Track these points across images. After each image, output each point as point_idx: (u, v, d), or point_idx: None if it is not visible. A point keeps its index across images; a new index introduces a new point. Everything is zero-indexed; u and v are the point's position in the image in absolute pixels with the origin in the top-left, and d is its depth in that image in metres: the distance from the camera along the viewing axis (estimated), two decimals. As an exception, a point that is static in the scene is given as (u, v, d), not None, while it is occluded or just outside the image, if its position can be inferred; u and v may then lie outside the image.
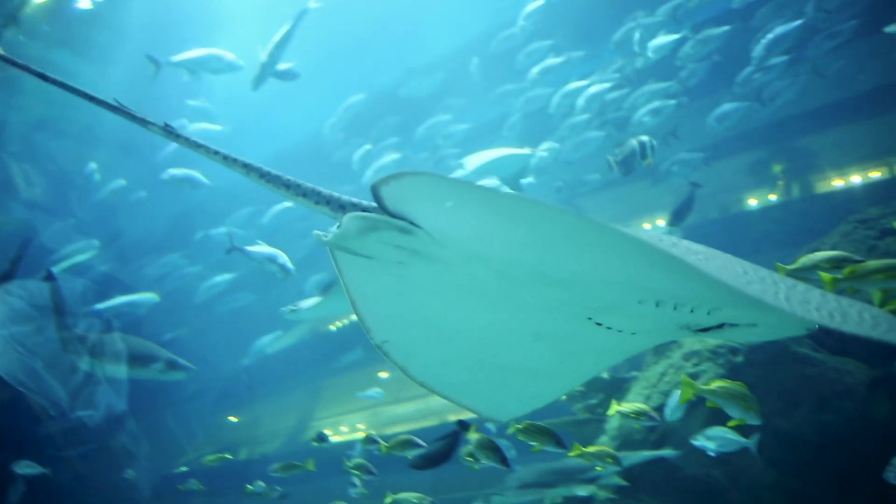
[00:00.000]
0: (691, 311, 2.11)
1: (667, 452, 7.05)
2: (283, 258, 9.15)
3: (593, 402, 8.34)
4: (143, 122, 2.32)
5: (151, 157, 13.39)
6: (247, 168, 2.29)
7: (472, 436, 6.01)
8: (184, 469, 12.24)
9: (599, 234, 1.88)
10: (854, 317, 1.95)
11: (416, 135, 13.55)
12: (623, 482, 7.15)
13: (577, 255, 2.01)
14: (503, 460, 5.81)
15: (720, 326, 2.16)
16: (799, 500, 6.97)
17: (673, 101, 10.92)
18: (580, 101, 11.10)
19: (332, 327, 19.39)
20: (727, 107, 11.10)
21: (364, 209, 2.16)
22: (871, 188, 13.11)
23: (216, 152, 2.32)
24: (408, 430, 9.46)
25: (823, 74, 11.44)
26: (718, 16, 11.24)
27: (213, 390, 16.51)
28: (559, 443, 5.67)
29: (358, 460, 7.86)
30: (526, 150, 10.43)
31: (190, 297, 15.33)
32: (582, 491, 7.36)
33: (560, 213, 1.88)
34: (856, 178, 13.95)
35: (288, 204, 14.50)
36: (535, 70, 11.63)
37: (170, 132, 2.28)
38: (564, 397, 8.86)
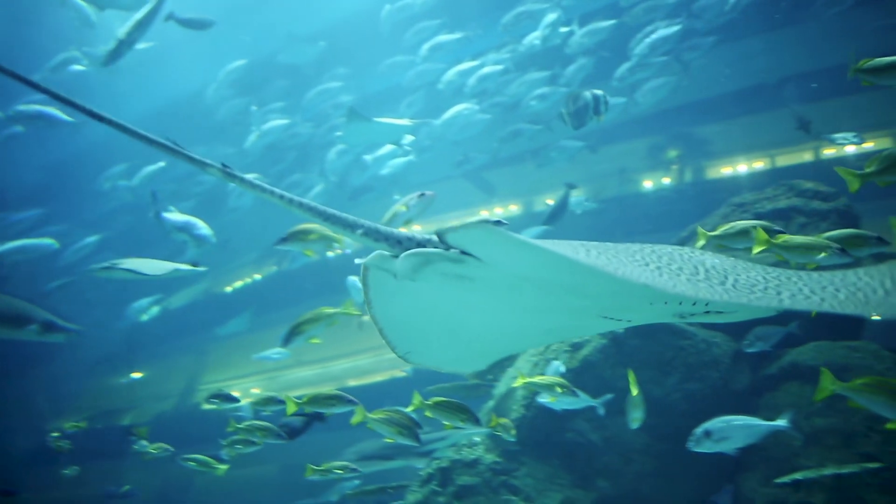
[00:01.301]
0: (693, 304, 2.46)
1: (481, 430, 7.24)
2: (201, 226, 8.55)
3: (482, 368, 8.50)
4: (202, 164, 2.34)
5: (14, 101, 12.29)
6: (311, 211, 2.42)
7: (381, 413, 6.02)
8: (55, 434, 11.57)
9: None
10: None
11: (303, 100, 13.26)
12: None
13: (613, 285, 2.34)
14: (416, 437, 5.95)
15: (707, 312, 2.51)
16: (666, 461, 7.44)
17: (563, 89, 11.17)
18: (471, 81, 11.15)
19: (228, 289, 18.77)
20: (609, 100, 11.44)
21: (419, 243, 2.43)
22: (754, 177, 14.02)
23: (281, 196, 2.40)
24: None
25: (691, 75, 12.01)
26: (607, 6, 11.56)
27: (91, 353, 15.62)
28: (476, 421, 5.70)
29: (254, 422, 7.46)
30: (405, 122, 10.40)
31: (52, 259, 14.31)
32: (420, 463, 7.52)
33: (602, 271, 2.21)
34: (742, 167, 14.87)
35: (162, 164, 13.78)
36: (427, 46, 11.69)
37: (228, 174, 2.34)
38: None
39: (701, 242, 4.84)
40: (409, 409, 6.03)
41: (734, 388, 7.43)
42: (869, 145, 11.56)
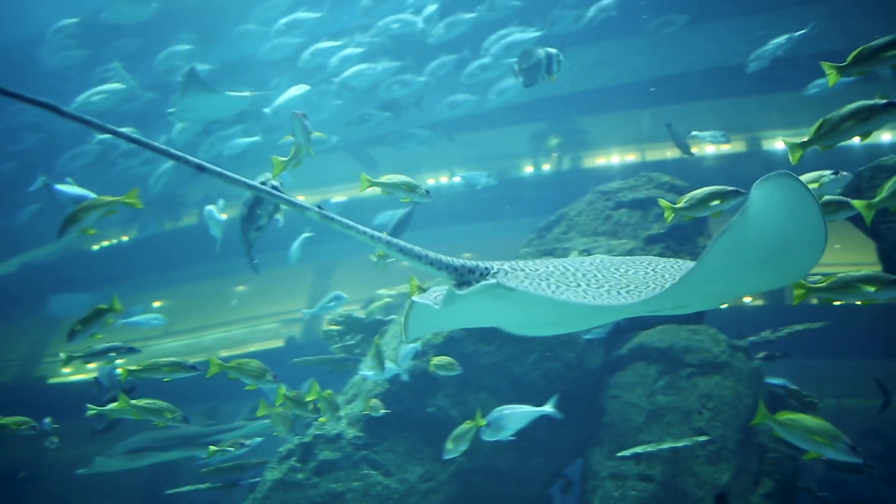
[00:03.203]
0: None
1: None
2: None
3: (351, 342, 8.44)
4: (302, 209, 2.58)
5: None
6: (391, 246, 2.74)
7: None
8: None
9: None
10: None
11: (154, 63, 12.40)
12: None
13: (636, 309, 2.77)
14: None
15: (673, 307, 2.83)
16: (522, 436, 7.69)
17: (422, 79, 11.24)
18: (332, 62, 10.97)
19: (96, 247, 17.38)
20: (459, 97, 11.69)
21: (469, 270, 2.80)
22: (625, 168, 14.78)
23: (371, 236, 2.67)
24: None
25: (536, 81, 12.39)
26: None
27: None
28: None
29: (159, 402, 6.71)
30: (246, 93, 10.05)
31: None
32: (202, 453, 7.44)
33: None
34: (615, 159, 15.65)
35: None
36: (283, 21, 11.41)
37: (324, 216, 2.56)
38: (322, 337, 8.89)
39: (669, 215, 4.93)
40: (308, 398, 6.18)
41: (588, 368, 7.80)
42: (726, 147, 12.45)
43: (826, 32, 9.32)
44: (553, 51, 7.94)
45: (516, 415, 6.20)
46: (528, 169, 15.80)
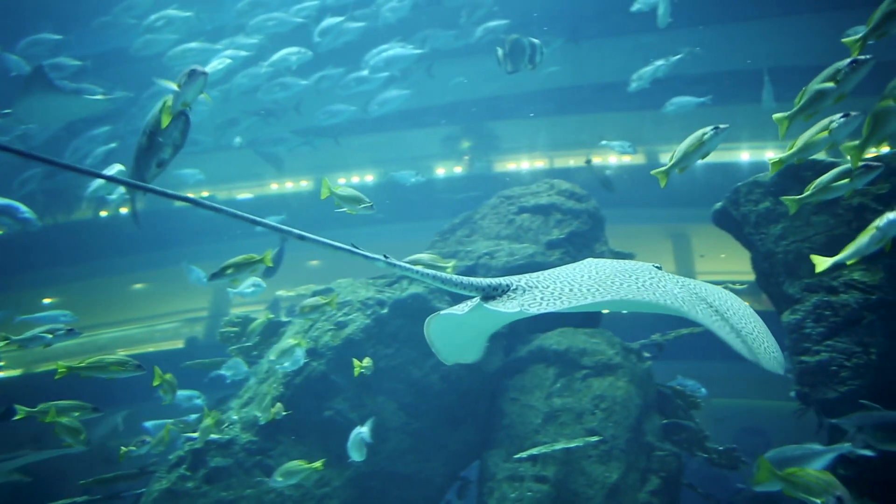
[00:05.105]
0: None
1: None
2: (23, 210, 7.71)
3: (248, 344, 8.15)
4: (372, 259, 2.87)
5: None
6: (435, 279, 3.11)
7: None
8: None
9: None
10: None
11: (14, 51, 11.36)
12: None
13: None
14: None
15: None
16: (422, 439, 7.70)
17: (304, 81, 11.11)
18: (214, 64, 10.61)
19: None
20: (338, 106, 11.72)
21: (494, 288, 3.15)
22: (534, 174, 15.10)
23: (422, 273, 3.06)
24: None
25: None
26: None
27: None
28: None
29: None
30: (98, 97, 9.58)
31: None
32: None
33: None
34: (525, 165, 15.98)
35: None
36: (154, 17, 11.01)
37: (389, 264, 2.90)
38: (219, 339, 8.54)
39: (664, 180, 4.89)
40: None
41: (487, 370, 7.87)
42: (627, 158, 12.93)
43: (714, 53, 9.86)
44: (537, 42, 8.02)
45: (353, 437, 6.43)
46: (440, 171, 15.89)
